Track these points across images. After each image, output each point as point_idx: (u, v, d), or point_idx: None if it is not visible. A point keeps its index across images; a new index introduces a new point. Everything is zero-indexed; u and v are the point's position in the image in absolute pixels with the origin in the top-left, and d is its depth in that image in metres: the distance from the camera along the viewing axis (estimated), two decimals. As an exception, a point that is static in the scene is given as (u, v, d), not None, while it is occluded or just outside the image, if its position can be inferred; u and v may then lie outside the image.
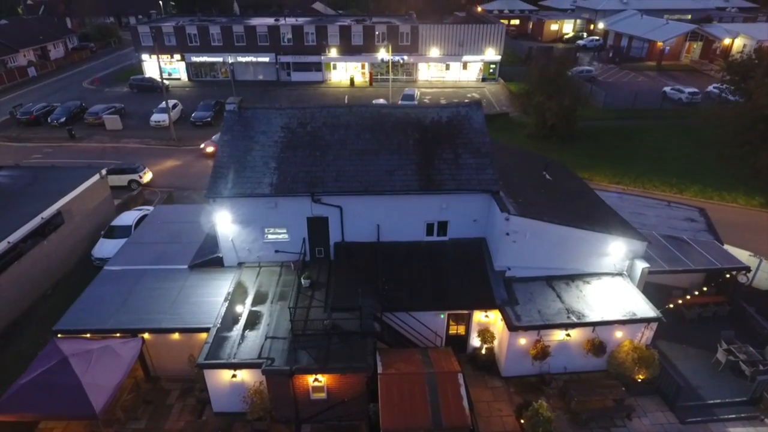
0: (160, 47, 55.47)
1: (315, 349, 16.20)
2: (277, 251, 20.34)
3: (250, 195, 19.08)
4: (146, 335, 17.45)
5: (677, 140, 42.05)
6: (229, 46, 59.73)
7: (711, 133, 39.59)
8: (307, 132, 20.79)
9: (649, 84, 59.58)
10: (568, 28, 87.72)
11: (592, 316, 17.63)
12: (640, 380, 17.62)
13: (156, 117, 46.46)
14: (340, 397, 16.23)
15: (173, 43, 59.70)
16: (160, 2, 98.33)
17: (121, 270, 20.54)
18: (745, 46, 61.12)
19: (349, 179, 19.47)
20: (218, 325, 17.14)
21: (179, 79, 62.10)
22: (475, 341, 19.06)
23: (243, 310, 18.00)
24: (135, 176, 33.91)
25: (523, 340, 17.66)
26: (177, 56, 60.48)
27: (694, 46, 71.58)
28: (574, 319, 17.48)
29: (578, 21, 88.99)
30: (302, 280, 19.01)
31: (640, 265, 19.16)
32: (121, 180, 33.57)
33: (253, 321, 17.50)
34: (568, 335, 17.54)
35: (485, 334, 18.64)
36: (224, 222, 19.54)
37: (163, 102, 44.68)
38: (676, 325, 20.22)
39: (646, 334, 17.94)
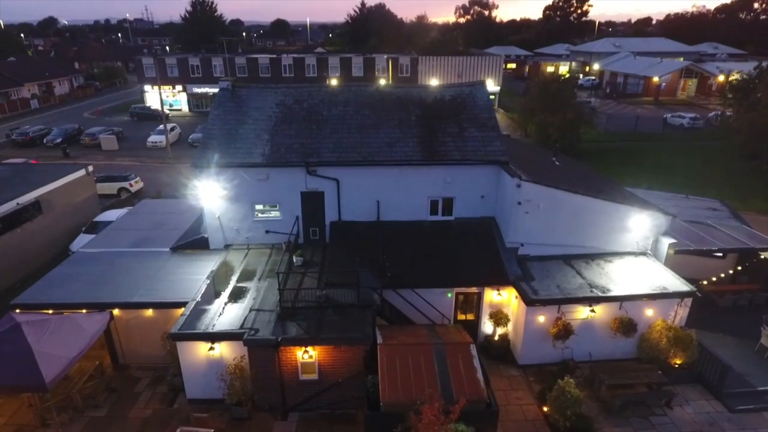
0: (162, 78, 55.99)
1: (306, 321, 14.16)
2: (267, 231, 18.63)
3: (240, 165, 17.66)
4: (116, 311, 15.42)
5: (683, 159, 41.15)
6: (230, 77, 60.40)
7: (718, 150, 38.76)
8: (303, 108, 19.71)
9: (649, 114, 59.67)
10: (563, 69, 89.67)
11: (618, 291, 15.69)
12: (676, 365, 15.41)
13: (153, 138, 45.92)
14: (334, 377, 13.97)
15: (176, 74, 60.41)
16: (167, 47, 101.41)
17: (96, 252, 18.77)
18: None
19: (347, 150, 18.13)
20: (198, 299, 15.15)
21: (180, 110, 62.40)
22: (487, 326, 16.97)
23: (227, 285, 16.10)
24: (125, 184, 32.60)
25: (542, 318, 15.58)
26: (179, 87, 61.00)
27: (690, 83, 72.81)
28: (599, 293, 15.52)
29: (573, 63, 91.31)
30: (294, 258, 17.18)
31: (666, 242, 17.43)
32: (111, 188, 32.30)
33: (237, 295, 15.56)
34: (592, 311, 15.48)
35: (498, 316, 16.55)
36: (211, 197, 17.99)
37: (161, 125, 44.20)
38: (709, 314, 18.11)
39: (680, 313, 15.90)
